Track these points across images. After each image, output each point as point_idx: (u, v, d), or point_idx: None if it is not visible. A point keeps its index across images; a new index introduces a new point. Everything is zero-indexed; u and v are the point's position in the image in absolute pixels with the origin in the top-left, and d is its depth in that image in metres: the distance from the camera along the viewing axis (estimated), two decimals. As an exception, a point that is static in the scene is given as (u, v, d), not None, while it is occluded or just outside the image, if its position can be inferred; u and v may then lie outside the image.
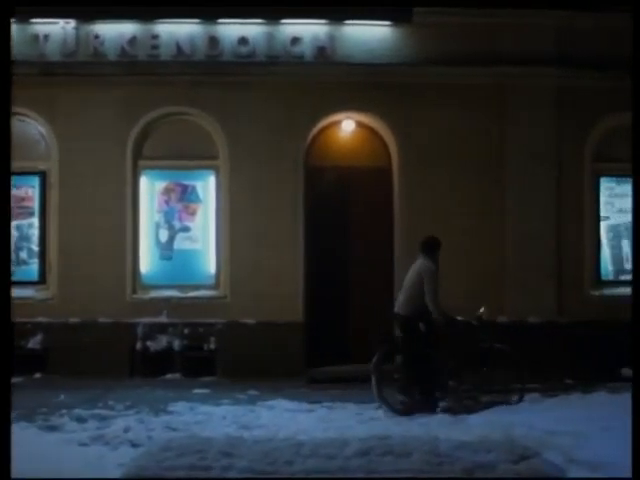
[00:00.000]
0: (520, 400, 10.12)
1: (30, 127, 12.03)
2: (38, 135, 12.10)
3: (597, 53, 12.18)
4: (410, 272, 10.04)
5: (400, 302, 10.02)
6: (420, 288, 9.78)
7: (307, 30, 12.06)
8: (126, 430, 8.65)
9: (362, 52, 12.14)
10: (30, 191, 12.08)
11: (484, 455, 5.39)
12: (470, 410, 9.61)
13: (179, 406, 9.94)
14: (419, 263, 10.02)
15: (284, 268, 12.03)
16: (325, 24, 12.07)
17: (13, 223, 11.74)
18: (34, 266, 12.06)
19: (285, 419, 9.20)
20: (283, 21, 12.02)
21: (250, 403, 10.18)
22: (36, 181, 12.04)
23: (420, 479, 4.92)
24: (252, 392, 10.84)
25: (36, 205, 12.09)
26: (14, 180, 11.02)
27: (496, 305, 11.84)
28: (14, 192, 11.69)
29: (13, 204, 11.71)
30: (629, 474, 6.55)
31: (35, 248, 12.10)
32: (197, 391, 11.01)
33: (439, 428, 8.51)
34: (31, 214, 12.09)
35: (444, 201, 12.23)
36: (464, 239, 12.10)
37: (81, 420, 9.15)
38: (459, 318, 10.04)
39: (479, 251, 12.20)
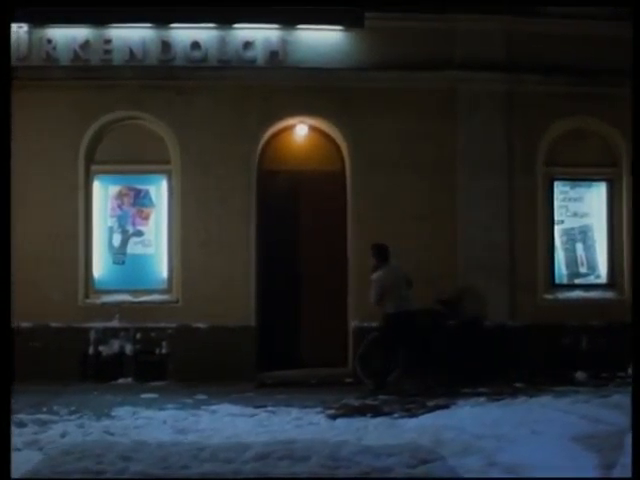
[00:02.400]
0: None
1: (-18, 132, 12.01)
2: (-10, 139, 12.09)
3: (548, 58, 12.27)
4: (395, 276, 11.35)
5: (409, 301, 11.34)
6: None
7: (259, 35, 12.09)
8: (63, 435, 8.64)
9: (314, 56, 12.17)
10: (-17, 196, 12.06)
11: (384, 459, 5.42)
12: (412, 414, 9.63)
13: (122, 411, 9.92)
14: (396, 266, 11.41)
15: (235, 272, 12.05)
16: (277, 29, 12.10)
17: (-35, 228, 11.75)
18: (-14, 270, 12.04)
19: (224, 423, 9.17)
20: (235, 25, 12.04)
21: (195, 407, 10.17)
22: (-11, 186, 12.02)
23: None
24: (200, 396, 10.83)
25: (-10, 210, 12.08)
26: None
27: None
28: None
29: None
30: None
31: (-12, 252, 12.09)
32: (145, 395, 10.98)
33: (373, 432, 8.55)
34: (-16, 219, 12.06)
35: (396, 205, 12.27)
36: (415, 242, 12.15)
37: (21, 425, 9.10)
38: None
39: (430, 255, 12.21)
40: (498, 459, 7.11)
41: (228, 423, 9.21)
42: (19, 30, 11.88)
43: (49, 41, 11.94)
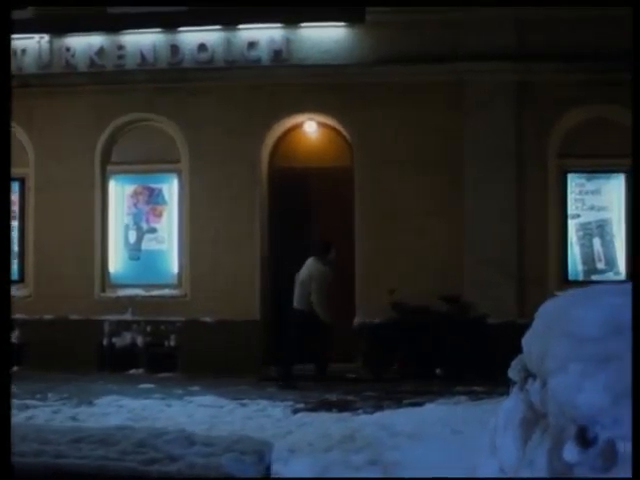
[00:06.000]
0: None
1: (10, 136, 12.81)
2: (18, 143, 12.88)
3: (561, 44, 11.74)
4: (303, 270, 11.41)
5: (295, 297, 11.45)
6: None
7: (263, 34, 12.31)
8: (28, 419, 9.23)
9: (318, 54, 12.26)
10: (13, 196, 12.90)
11: (195, 448, 5.49)
12: (373, 411, 9.58)
13: (107, 399, 10.39)
14: (309, 263, 11.44)
15: (241, 268, 12.33)
16: (280, 28, 12.27)
17: (-3, 226, 12.64)
18: (15, 266, 12.88)
19: (181, 413, 9.49)
20: (240, 26, 12.31)
21: (177, 398, 10.51)
22: (17, 186, 12.87)
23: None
24: (193, 388, 11.15)
25: (17, 209, 12.92)
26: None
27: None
28: (-2, 197, 12.63)
29: (-3, 208, 12.61)
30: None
31: (16, 249, 12.93)
32: (143, 386, 11.43)
33: (309, 426, 8.61)
34: (13, 217, 12.91)
35: (403, 200, 12.16)
36: (422, 238, 12.02)
37: (3, 410, 9.75)
38: None
39: (437, 251, 12.03)
40: (385, 457, 7.07)
41: (184, 413, 9.53)
42: (41, 40, 12.67)
43: (68, 49, 12.64)
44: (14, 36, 12.52)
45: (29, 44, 12.69)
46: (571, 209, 12.15)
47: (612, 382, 4.85)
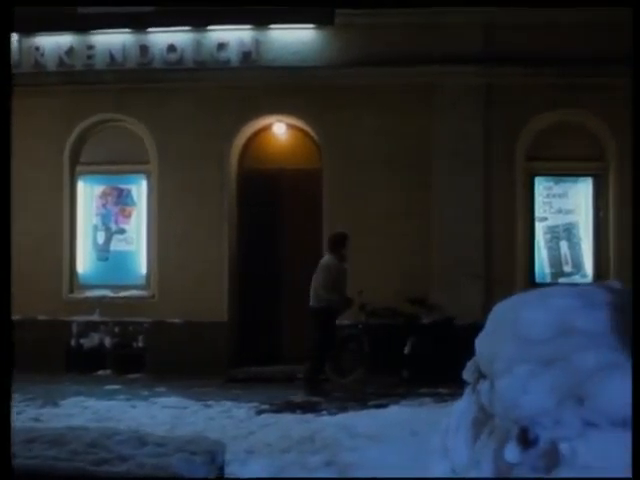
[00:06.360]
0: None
1: (-22, 136, 12.77)
2: (-14, 144, 12.84)
3: (530, 48, 11.76)
4: None
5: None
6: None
7: (232, 36, 12.28)
8: (-11, 420, 9.20)
9: (287, 55, 12.24)
10: (-21, 196, 12.84)
11: (147, 449, 5.51)
12: (337, 412, 9.61)
13: (72, 400, 10.38)
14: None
15: (209, 270, 12.30)
16: (250, 29, 12.26)
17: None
18: (-19, 267, 12.81)
19: (144, 414, 9.48)
20: (209, 27, 12.30)
21: (142, 399, 10.49)
22: (-16, 187, 12.79)
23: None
24: (159, 389, 11.13)
25: (-16, 209, 12.84)
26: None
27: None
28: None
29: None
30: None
31: (-18, 249, 12.86)
32: (110, 387, 11.39)
33: (270, 427, 8.63)
34: (-21, 218, 12.84)
35: (372, 201, 12.17)
36: (391, 240, 12.04)
37: (-35, 410, 9.71)
38: None
39: (405, 252, 12.05)
40: (341, 458, 7.11)
41: (149, 414, 9.51)
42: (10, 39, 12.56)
43: (37, 48, 12.58)
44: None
45: (-2, 43, 12.61)
46: (539, 212, 12.23)
47: (557, 384, 4.91)
